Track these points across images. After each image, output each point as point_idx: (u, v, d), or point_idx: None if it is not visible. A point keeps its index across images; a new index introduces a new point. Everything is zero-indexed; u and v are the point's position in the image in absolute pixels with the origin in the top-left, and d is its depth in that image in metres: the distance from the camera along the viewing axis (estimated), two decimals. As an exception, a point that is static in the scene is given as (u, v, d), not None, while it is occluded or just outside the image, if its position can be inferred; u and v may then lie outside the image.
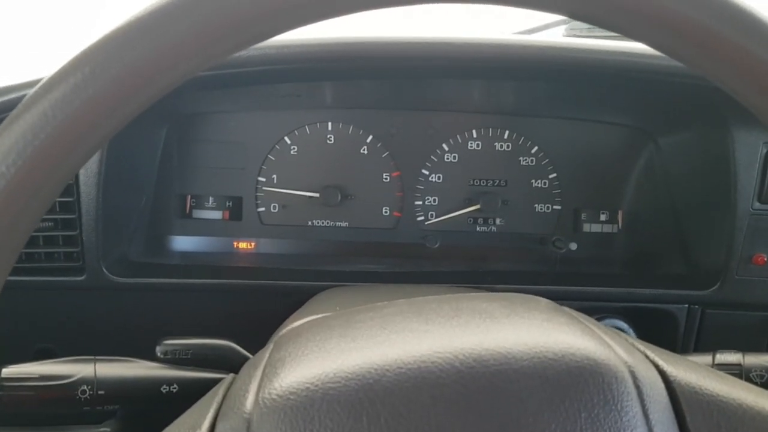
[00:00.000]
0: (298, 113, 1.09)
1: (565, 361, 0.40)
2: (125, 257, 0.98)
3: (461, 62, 0.86)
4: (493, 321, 0.45)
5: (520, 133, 1.10)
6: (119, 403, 0.62)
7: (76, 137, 0.32)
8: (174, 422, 0.46)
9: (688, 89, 0.87)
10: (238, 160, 1.09)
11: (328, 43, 0.79)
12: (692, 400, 0.42)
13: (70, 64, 0.32)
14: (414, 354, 0.41)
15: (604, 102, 1.06)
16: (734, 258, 0.93)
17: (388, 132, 1.10)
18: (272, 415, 0.39)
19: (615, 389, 0.39)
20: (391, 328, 0.46)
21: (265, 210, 1.11)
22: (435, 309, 0.49)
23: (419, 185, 1.12)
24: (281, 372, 0.42)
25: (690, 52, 0.33)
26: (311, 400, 0.39)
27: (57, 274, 0.92)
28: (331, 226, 1.12)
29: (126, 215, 0.99)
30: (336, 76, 0.92)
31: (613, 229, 1.12)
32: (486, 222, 1.13)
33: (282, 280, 0.97)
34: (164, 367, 0.64)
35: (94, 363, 0.62)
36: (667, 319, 0.98)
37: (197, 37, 0.31)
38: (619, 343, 0.45)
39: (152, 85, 0.32)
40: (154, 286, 0.95)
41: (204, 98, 1.03)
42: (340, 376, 0.40)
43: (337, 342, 0.45)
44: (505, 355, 0.40)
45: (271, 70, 0.81)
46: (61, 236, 0.92)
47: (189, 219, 1.10)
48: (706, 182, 0.98)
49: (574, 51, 0.85)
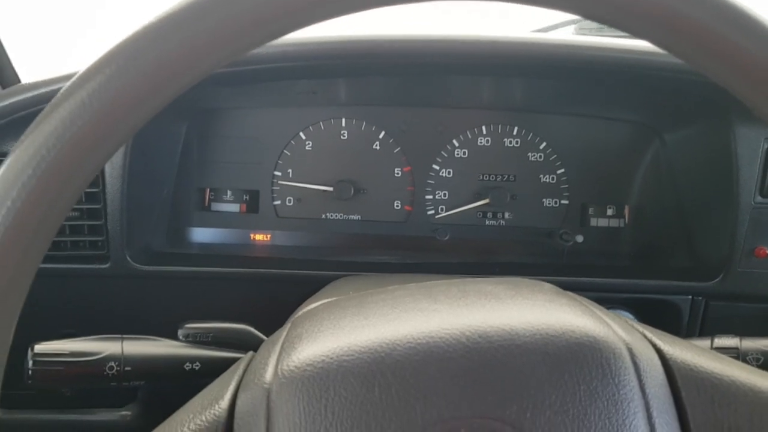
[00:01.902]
0: (313, 110, 1.11)
1: (566, 338, 0.41)
2: (148, 247, 1.01)
3: (472, 59, 0.88)
4: (498, 301, 0.47)
5: (528, 129, 1.12)
6: (145, 378, 0.63)
7: (110, 125, 0.33)
8: (197, 395, 0.48)
9: (693, 86, 0.89)
10: (255, 155, 1.12)
11: (344, 41, 0.82)
12: (688, 376, 0.43)
13: (105, 57, 0.33)
14: (423, 330, 0.42)
15: (611, 99, 1.07)
16: (737, 251, 0.94)
17: (399, 128, 1.12)
18: (290, 385, 0.41)
19: (613, 364, 0.40)
20: (401, 307, 0.48)
21: (280, 203, 1.14)
22: (443, 291, 0.50)
23: (430, 180, 1.13)
24: (299, 347, 0.44)
25: (686, 49, 0.34)
26: (327, 371, 0.41)
27: (82, 262, 0.95)
28: (344, 219, 1.14)
29: (148, 207, 1.02)
30: (350, 73, 0.94)
31: (620, 223, 1.12)
32: (495, 216, 1.14)
33: (296, 270, 1.00)
34: (187, 346, 0.66)
35: (121, 341, 0.63)
36: (671, 310, 0.99)
37: (223, 33, 0.33)
38: (618, 323, 0.46)
39: (179, 78, 0.34)
40: (175, 274, 0.98)
41: (223, 95, 1.05)
42: (354, 350, 0.42)
43: (351, 320, 0.47)
44: (508, 332, 0.41)
45: (288, 67, 0.84)
46: (86, 225, 0.95)
47: (208, 211, 1.13)
48: (710, 177, 0.99)
49: (583, 49, 0.87)
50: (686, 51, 0.34)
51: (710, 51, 0.34)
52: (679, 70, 0.84)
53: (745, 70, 0.33)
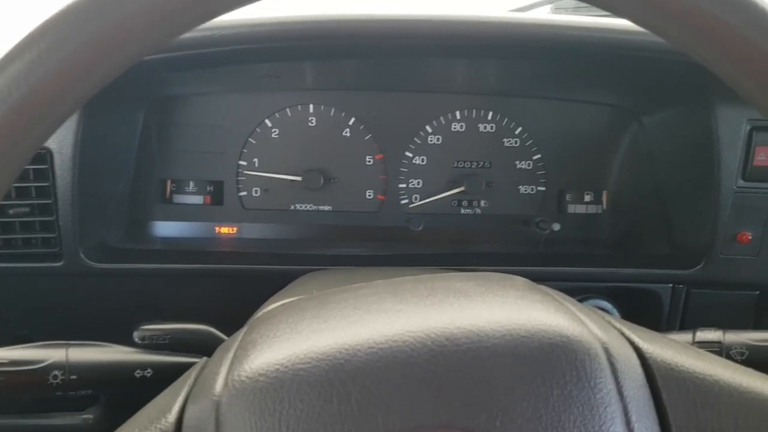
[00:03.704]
0: (278, 95, 1.07)
1: (538, 338, 0.39)
2: (104, 243, 0.97)
3: (446, 40, 0.85)
4: (467, 299, 0.45)
5: (504, 114, 1.09)
6: (92, 387, 0.61)
7: (32, 114, 0.31)
8: (145, 407, 0.46)
9: (671, 67, 0.86)
10: (218, 144, 1.08)
11: (306, 20, 0.77)
12: (668, 377, 0.42)
13: (24, 42, 0.31)
14: (385, 333, 0.40)
15: (588, 81, 1.05)
16: (718, 237, 0.93)
17: (370, 114, 1.09)
18: (241, 397, 0.39)
19: (588, 366, 0.39)
20: (364, 308, 0.45)
21: (246, 194, 1.10)
22: (410, 289, 0.48)
23: (403, 168, 1.11)
24: (252, 354, 0.42)
25: (683, 36, 0.33)
26: (281, 381, 0.38)
27: (35, 261, 0.91)
28: (314, 210, 1.11)
29: (104, 200, 0.97)
30: (315, 56, 0.90)
31: (598, 209, 1.11)
32: (470, 204, 1.12)
33: (264, 265, 0.96)
34: (139, 352, 0.63)
35: (66, 348, 0.61)
36: (651, 298, 0.97)
37: (148, 15, 0.31)
38: (594, 320, 0.44)
39: (105, 63, 0.32)
40: (134, 271, 0.94)
41: (181, 80, 1.01)
42: (311, 357, 0.39)
43: (309, 323, 0.44)
44: (477, 333, 0.39)
45: (245, 49, 0.79)
46: (38, 222, 0.90)
47: (170, 204, 1.09)
48: (690, 161, 0.98)
49: (560, 28, 0.84)
50: (666, 27, 0.34)
51: (690, 27, 0.33)
52: (659, 49, 0.81)
53: (727, 46, 0.33)
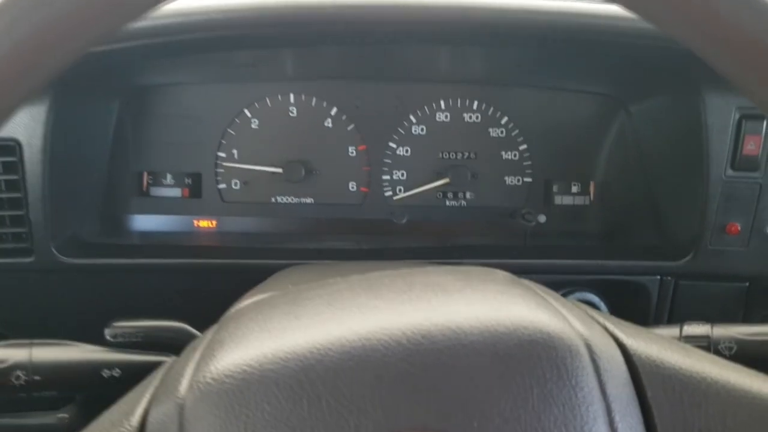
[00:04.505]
0: (258, 85, 1.04)
1: (517, 335, 0.38)
2: (77, 237, 0.94)
3: (430, 26, 0.82)
4: (445, 295, 0.43)
5: (489, 103, 1.07)
6: (57, 388, 0.59)
7: None
8: (108, 409, 0.44)
9: (659, 53, 0.85)
10: (196, 135, 1.05)
11: (280, 6, 0.74)
12: (653, 374, 0.40)
13: None
14: (359, 331, 0.38)
15: (574, 69, 1.03)
16: (707, 227, 0.91)
17: (353, 104, 1.06)
18: (206, 399, 0.37)
19: (569, 364, 0.37)
20: (337, 304, 0.43)
21: (225, 187, 1.07)
22: (387, 284, 0.47)
23: (386, 159, 1.08)
24: (218, 354, 0.40)
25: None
26: (248, 383, 0.37)
27: (5, 256, 0.88)
28: (296, 202, 1.08)
29: (77, 193, 0.95)
30: (294, 43, 0.88)
31: (585, 201, 1.10)
32: (455, 196, 1.10)
33: (244, 259, 0.94)
34: (106, 351, 0.61)
35: (29, 347, 0.58)
36: (639, 291, 0.96)
37: None
38: (577, 315, 0.43)
39: None
40: (109, 267, 0.91)
41: (157, 69, 0.98)
42: (280, 357, 0.38)
43: (280, 321, 0.43)
44: (454, 330, 0.38)
45: (221, 36, 0.76)
46: (8, 216, 0.88)
47: (146, 197, 1.06)
48: (679, 150, 0.96)
49: (542, 13, 0.81)
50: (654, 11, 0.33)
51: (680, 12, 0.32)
52: (645, 35, 0.80)
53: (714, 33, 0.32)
